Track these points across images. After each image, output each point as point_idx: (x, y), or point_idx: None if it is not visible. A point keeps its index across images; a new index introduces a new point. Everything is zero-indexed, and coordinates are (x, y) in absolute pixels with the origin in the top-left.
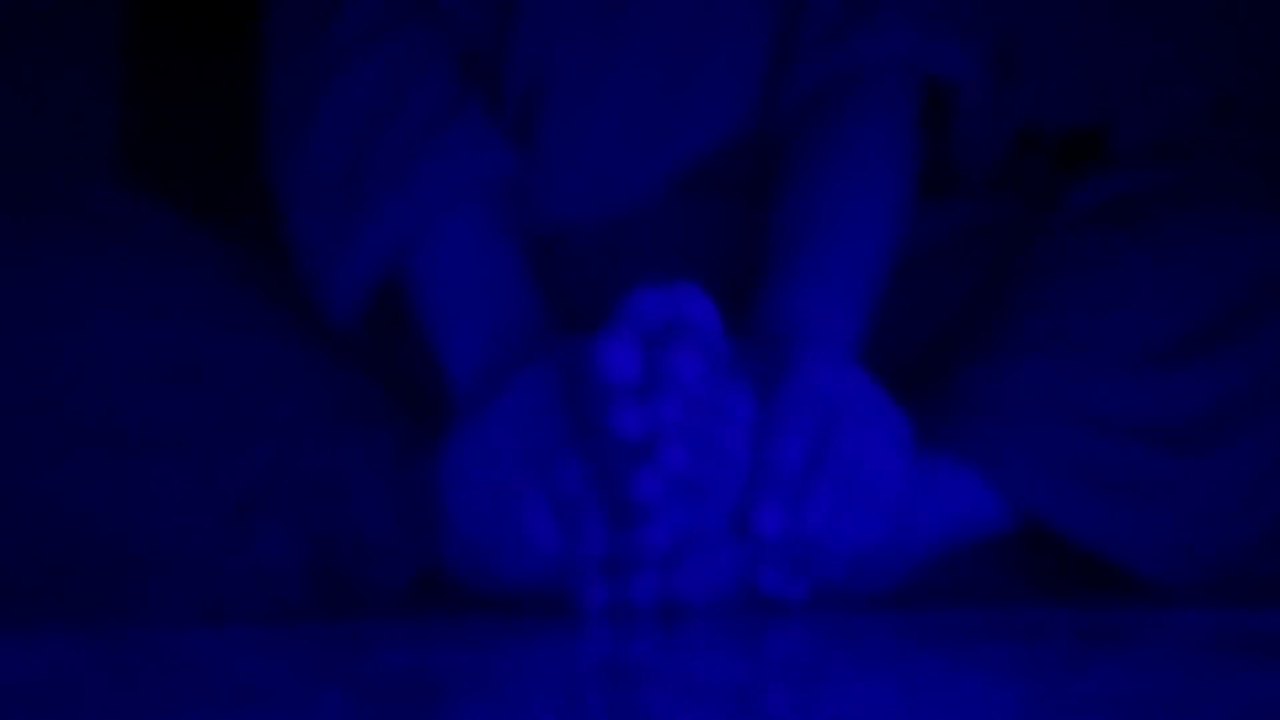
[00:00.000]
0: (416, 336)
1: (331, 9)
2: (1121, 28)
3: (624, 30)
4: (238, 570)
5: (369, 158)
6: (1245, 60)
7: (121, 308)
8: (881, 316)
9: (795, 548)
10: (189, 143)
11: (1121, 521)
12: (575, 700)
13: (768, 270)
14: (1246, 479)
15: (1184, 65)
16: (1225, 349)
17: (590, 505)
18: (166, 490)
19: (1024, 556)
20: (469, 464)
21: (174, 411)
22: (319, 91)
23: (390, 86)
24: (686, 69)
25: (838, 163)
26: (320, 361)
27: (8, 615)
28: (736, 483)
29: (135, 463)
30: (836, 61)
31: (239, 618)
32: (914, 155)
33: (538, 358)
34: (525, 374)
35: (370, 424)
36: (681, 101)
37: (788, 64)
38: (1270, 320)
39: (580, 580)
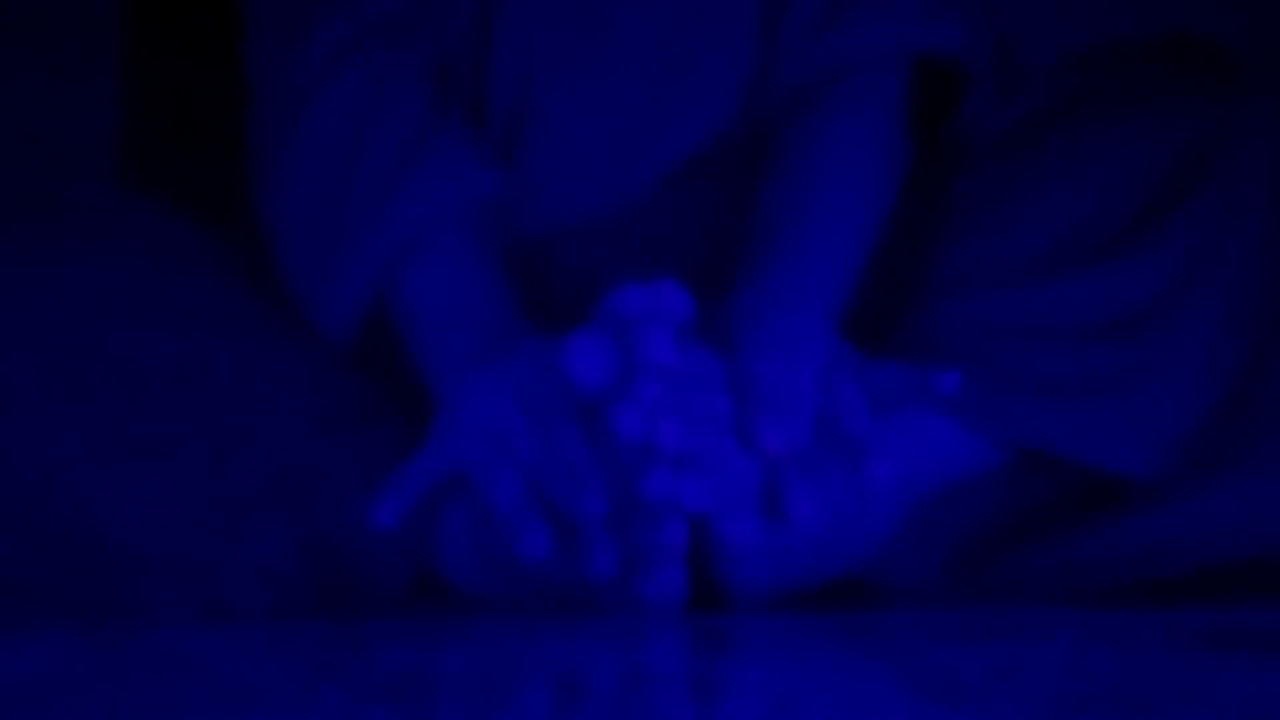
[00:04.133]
0: (404, 356)
1: (304, 30)
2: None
3: (606, 33)
4: (238, 571)
5: (349, 185)
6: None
7: (119, 309)
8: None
9: (805, 458)
10: (187, 144)
11: (1086, 420)
12: (575, 700)
13: (743, 263)
14: (1196, 355)
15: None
16: (1152, 238)
17: (588, 462)
18: (166, 492)
19: (1024, 554)
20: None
21: (172, 412)
22: (295, 115)
23: (365, 110)
24: (671, 68)
25: (820, 157)
26: (318, 363)
27: (8, 615)
28: (728, 440)
29: (134, 464)
30: (821, 55)
31: (239, 618)
32: (899, 147)
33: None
34: (513, 356)
35: (368, 425)
36: (668, 100)
37: (773, 59)
38: (1192, 204)
39: (585, 545)
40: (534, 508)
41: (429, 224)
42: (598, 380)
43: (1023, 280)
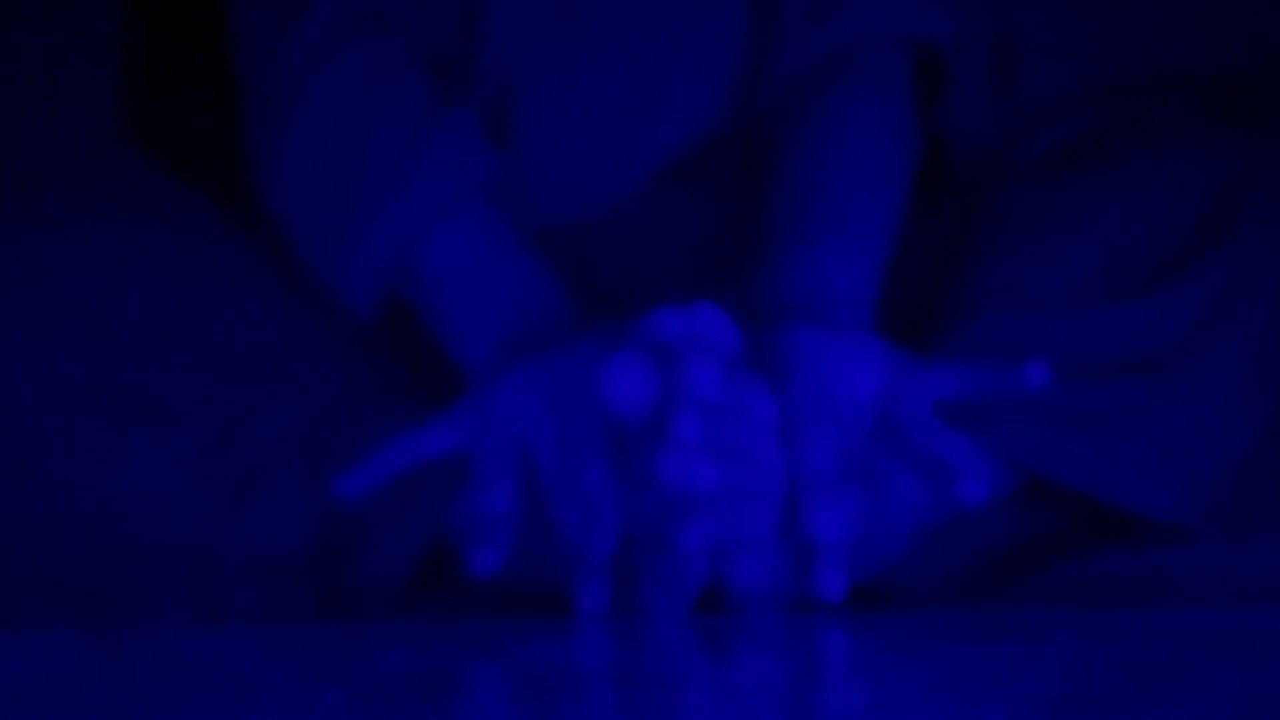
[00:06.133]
0: (426, 334)
1: (293, 19)
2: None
3: (592, 28)
4: (238, 550)
5: (357, 170)
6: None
7: (133, 272)
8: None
9: (848, 546)
10: (194, 110)
11: (1108, 457)
12: (576, 700)
13: (774, 241)
14: (1221, 396)
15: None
16: (1184, 274)
17: (607, 502)
18: (170, 459)
19: (1025, 554)
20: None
21: (182, 379)
22: (290, 104)
23: (366, 95)
24: (658, 63)
25: (838, 134)
26: (337, 334)
27: (8, 615)
28: (774, 483)
29: (140, 429)
30: (823, 41)
31: (239, 618)
32: (910, 127)
33: (571, 336)
34: (561, 349)
35: (384, 401)
36: (656, 96)
37: (771, 48)
38: (1225, 242)
39: (581, 579)
40: (511, 526)
41: (444, 202)
42: (636, 410)
43: (1052, 308)
